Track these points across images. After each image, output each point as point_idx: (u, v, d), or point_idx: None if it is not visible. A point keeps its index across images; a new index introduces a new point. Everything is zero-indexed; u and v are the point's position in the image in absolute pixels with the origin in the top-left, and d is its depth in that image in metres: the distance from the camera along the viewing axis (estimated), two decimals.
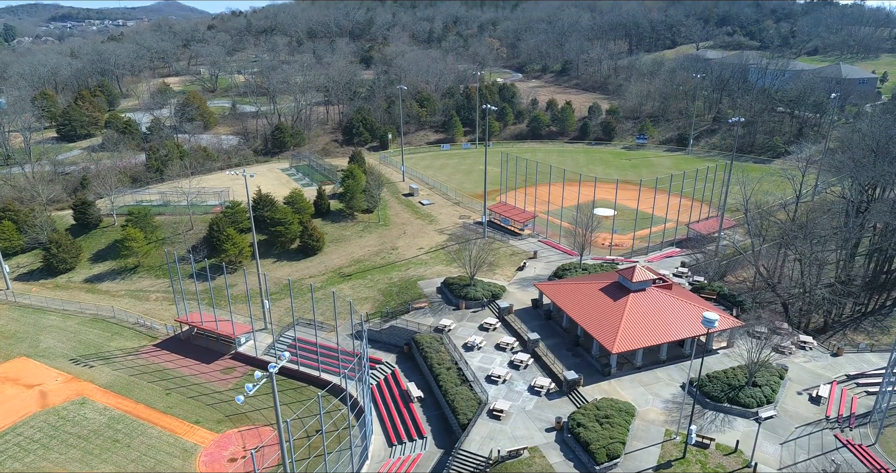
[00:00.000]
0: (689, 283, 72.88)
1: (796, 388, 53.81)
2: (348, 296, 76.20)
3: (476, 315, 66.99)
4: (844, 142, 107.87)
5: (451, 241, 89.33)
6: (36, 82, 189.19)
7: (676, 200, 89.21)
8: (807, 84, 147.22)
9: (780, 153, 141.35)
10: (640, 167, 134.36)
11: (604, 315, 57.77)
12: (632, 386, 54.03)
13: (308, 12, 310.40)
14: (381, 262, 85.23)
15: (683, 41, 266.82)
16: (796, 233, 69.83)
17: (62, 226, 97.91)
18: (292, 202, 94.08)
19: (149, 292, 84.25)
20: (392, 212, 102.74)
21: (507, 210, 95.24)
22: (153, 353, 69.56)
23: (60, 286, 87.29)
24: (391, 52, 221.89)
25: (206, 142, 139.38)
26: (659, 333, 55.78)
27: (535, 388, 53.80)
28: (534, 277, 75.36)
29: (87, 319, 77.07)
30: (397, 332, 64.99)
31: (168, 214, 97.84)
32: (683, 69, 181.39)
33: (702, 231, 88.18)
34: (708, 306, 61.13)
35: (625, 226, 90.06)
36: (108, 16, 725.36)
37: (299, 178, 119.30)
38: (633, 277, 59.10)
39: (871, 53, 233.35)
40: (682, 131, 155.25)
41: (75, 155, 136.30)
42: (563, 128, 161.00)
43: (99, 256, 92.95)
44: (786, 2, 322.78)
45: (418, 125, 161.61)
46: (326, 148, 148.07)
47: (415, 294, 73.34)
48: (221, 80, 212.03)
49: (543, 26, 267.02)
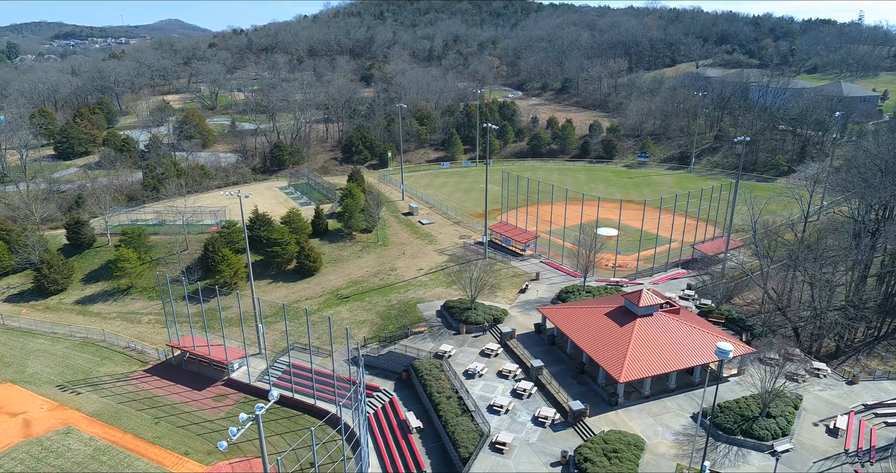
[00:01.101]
0: (696, 307, 70.84)
1: (812, 419, 51.52)
2: (346, 319, 74.14)
3: (477, 340, 64.85)
4: (851, 161, 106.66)
5: (451, 262, 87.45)
6: (36, 99, 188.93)
7: (681, 220, 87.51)
8: (808, 102, 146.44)
9: (783, 171, 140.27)
10: (641, 185, 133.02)
11: (610, 341, 55.67)
12: (640, 416, 51.75)
13: (309, 30, 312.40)
14: (380, 284, 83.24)
15: (683, 59, 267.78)
16: (806, 255, 67.93)
17: (55, 246, 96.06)
18: (289, 222, 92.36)
19: (141, 314, 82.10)
20: (391, 231, 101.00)
21: (509, 230, 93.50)
22: (143, 379, 67.22)
23: (51, 308, 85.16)
24: (391, 69, 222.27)
25: (204, 160, 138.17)
26: (668, 361, 53.65)
27: (539, 419, 51.50)
28: (536, 300, 73.34)
29: (76, 343, 74.83)
30: (396, 358, 62.80)
31: (163, 234, 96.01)
32: (684, 87, 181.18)
33: (707, 251, 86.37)
34: (717, 331, 59.11)
35: (628, 246, 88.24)
36: (112, 34, 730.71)
37: (297, 197, 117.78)
38: (639, 302, 57.14)
39: (870, 72, 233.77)
40: (683, 149, 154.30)
41: (71, 173, 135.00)
42: (564, 147, 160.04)
43: (92, 277, 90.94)
44: (784, 20, 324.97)
45: (418, 143, 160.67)
46: (325, 166, 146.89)
47: (414, 317, 71.24)
48: (221, 98, 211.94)
49: (543, 45, 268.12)
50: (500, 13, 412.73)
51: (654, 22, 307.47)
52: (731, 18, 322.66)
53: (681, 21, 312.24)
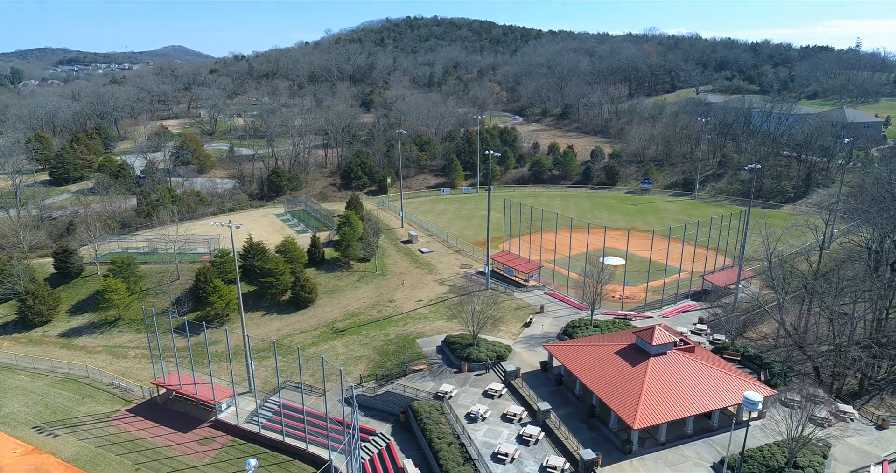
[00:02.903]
0: (709, 342, 67.39)
1: (842, 469, 47.71)
2: (341, 355, 70.60)
3: (480, 378, 61.21)
4: (862, 188, 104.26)
5: (451, 293, 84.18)
6: (34, 124, 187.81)
7: (688, 249, 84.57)
8: (813, 128, 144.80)
9: (788, 198, 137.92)
10: (646, 212, 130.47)
11: (622, 382, 52.15)
12: (656, 465, 47.95)
13: (310, 57, 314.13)
14: (378, 316, 79.82)
15: (683, 85, 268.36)
16: (825, 289, 64.72)
17: (42, 275, 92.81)
18: (285, 250, 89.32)
19: (128, 348, 78.45)
20: (390, 260, 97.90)
21: (511, 259, 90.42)
22: (126, 419, 63.33)
23: (34, 341, 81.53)
24: (392, 95, 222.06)
25: (201, 186, 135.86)
26: (685, 404, 50.05)
27: (547, 469, 47.64)
28: (541, 335, 69.88)
29: (57, 380, 71.03)
30: (393, 399, 59.10)
31: (154, 263, 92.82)
32: (686, 113, 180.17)
33: (718, 282, 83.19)
34: (734, 371, 55.62)
35: (635, 276, 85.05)
36: (116, 60, 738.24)
37: (294, 224, 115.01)
38: (652, 340, 53.77)
39: (870, 97, 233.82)
40: (687, 175, 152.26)
41: (63, 199, 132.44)
42: (566, 173, 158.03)
43: (78, 308, 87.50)
44: (782, 47, 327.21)
45: (418, 169, 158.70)
46: (324, 192, 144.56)
47: (413, 353, 67.67)
48: (220, 123, 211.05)
49: (543, 70, 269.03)
50: (500, 40, 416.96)
51: (653, 48, 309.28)
52: (729, 45, 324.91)
53: (680, 47, 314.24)
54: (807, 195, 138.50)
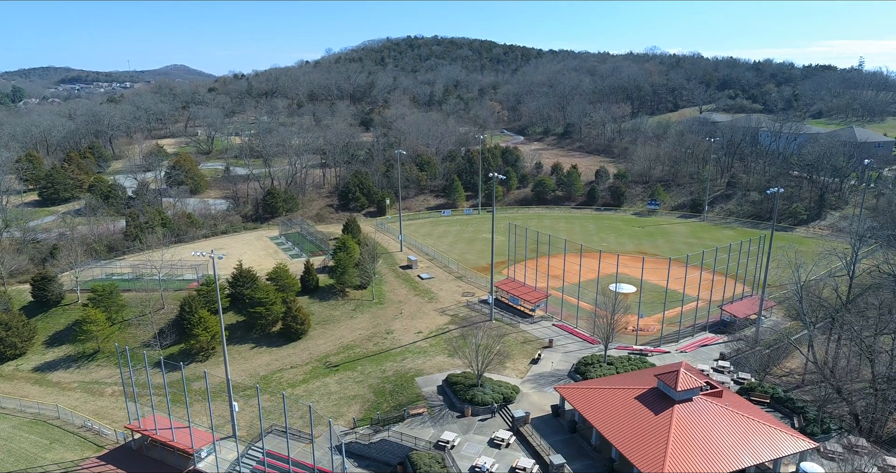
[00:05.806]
0: (733, 382, 62.01)
1: None
2: (334, 394, 65.15)
3: (485, 424, 55.71)
4: (878, 210, 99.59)
5: (453, 324, 78.89)
6: (27, 143, 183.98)
7: (704, 275, 79.49)
8: (825, 148, 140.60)
9: (801, 220, 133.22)
10: (654, 235, 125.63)
11: (644, 433, 46.71)
12: None
13: (310, 75, 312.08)
14: (374, 349, 74.43)
15: (686, 104, 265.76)
16: (862, 324, 59.52)
17: (19, 303, 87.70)
18: (276, 278, 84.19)
19: (105, 385, 72.90)
20: (388, 287, 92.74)
21: (516, 288, 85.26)
22: (95, 468, 57.58)
23: (5, 376, 76.04)
24: (391, 114, 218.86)
25: (193, 207, 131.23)
26: (716, 459, 44.55)
27: None
28: (550, 373, 64.47)
29: (25, 421, 65.43)
30: (390, 447, 53.55)
31: (137, 290, 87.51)
32: (691, 132, 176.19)
33: (737, 314, 77.92)
34: (766, 418, 50.18)
35: (649, 306, 79.75)
36: (117, 78, 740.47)
37: (288, 248, 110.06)
38: (676, 384, 48.45)
39: (876, 117, 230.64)
40: (695, 196, 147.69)
41: (49, 221, 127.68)
42: (570, 193, 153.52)
43: (55, 339, 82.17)
44: (785, 66, 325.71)
45: (418, 189, 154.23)
46: (321, 213, 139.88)
47: (411, 394, 62.20)
48: (217, 142, 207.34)
49: (544, 89, 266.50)
50: (501, 59, 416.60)
51: (655, 67, 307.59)
52: (731, 64, 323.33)
53: (682, 66, 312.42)
54: (820, 217, 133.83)
